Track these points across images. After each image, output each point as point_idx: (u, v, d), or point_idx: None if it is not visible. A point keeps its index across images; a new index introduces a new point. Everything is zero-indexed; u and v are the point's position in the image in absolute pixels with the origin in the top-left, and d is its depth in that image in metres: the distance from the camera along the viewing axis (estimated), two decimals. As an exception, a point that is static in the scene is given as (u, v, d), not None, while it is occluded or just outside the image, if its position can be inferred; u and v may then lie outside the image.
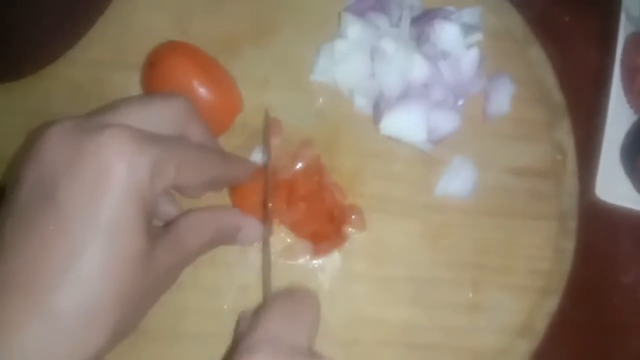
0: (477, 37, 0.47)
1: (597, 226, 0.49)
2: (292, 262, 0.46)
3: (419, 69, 0.45)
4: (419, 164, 0.48)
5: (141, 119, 0.33)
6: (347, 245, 0.46)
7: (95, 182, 0.30)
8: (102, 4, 0.49)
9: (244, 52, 0.49)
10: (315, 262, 0.46)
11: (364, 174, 0.47)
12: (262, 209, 0.44)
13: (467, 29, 0.47)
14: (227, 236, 0.42)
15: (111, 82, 0.48)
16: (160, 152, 0.32)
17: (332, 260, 0.46)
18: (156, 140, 0.32)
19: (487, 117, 0.49)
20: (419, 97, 0.45)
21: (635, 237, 0.50)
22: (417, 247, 0.47)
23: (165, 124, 0.35)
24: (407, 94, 0.46)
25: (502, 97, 0.48)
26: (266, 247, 0.44)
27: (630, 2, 0.49)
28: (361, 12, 0.48)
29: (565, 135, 0.50)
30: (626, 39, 0.49)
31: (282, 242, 0.46)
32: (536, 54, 0.51)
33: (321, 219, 0.45)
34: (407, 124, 0.45)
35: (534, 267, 0.48)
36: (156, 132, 0.33)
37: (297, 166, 0.46)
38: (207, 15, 0.49)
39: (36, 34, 0.48)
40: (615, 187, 0.48)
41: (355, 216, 0.46)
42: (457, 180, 0.47)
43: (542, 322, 0.47)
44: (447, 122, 0.46)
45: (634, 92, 0.48)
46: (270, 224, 0.44)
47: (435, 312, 0.46)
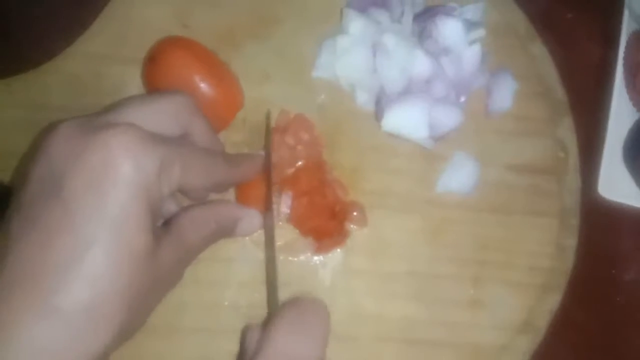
0: (480, 33, 0.47)
1: (599, 223, 0.49)
2: (293, 259, 0.46)
3: (421, 64, 0.45)
4: (421, 159, 0.48)
5: (146, 118, 0.34)
6: (348, 241, 0.46)
7: (101, 179, 0.30)
8: (102, 0, 0.49)
9: (245, 46, 0.49)
10: (316, 258, 0.46)
11: (366, 169, 0.47)
12: (265, 205, 0.44)
13: (470, 25, 0.47)
14: (227, 228, 0.42)
15: (111, 76, 0.48)
16: (166, 151, 0.32)
17: (333, 256, 0.46)
18: (162, 140, 0.32)
19: (489, 113, 0.49)
20: (421, 93, 0.45)
21: (637, 234, 0.49)
22: (418, 243, 0.47)
23: (169, 122, 0.35)
24: (409, 90, 0.46)
25: (504, 94, 0.48)
26: (271, 249, 0.43)
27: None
28: (363, 8, 0.48)
29: (567, 132, 0.50)
30: (629, 36, 0.49)
31: (283, 238, 0.46)
32: (538, 51, 0.51)
33: (323, 215, 0.45)
34: (408, 120, 0.45)
35: (535, 264, 0.47)
36: (161, 131, 0.34)
37: (299, 163, 0.46)
38: (207, 9, 0.49)
39: (37, 30, 0.48)
40: (617, 185, 0.48)
41: (356, 213, 0.46)
42: (459, 176, 0.47)
43: (543, 319, 0.47)
44: (449, 118, 0.46)
45: (636, 90, 0.48)
46: (272, 221, 0.44)
47: (436, 308, 0.46)
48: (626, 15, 0.49)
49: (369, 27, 0.46)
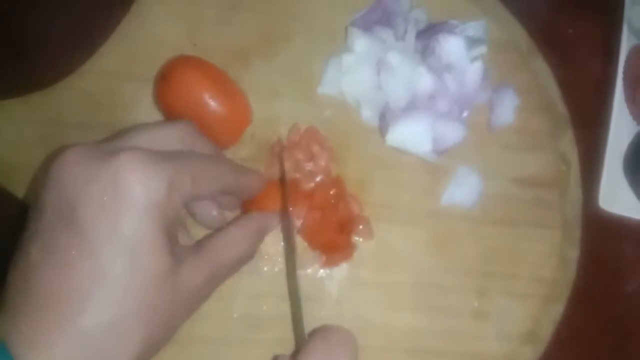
0: (482, 50, 0.48)
1: (601, 235, 0.49)
2: (300, 271, 0.47)
3: (424, 81, 0.46)
4: (425, 173, 0.49)
5: (151, 142, 0.35)
6: (355, 253, 0.47)
7: (113, 203, 0.30)
8: (115, 20, 0.50)
9: (254, 64, 0.50)
10: (322, 271, 0.47)
11: (371, 183, 0.48)
12: (282, 223, 0.45)
13: (472, 42, 0.48)
14: (261, 240, 0.42)
15: (124, 93, 0.49)
16: (174, 167, 0.33)
17: (339, 268, 0.47)
18: (169, 157, 0.33)
19: (492, 127, 0.50)
20: (425, 109, 0.46)
21: (638, 245, 0.50)
22: (422, 255, 0.48)
23: (173, 144, 0.36)
24: (413, 106, 0.47)
25: (507, 108, 0.49)
26: (292, 274, 0.44)
27: (632, 14, 0.50)
28: (367, 26, 0.49)
29: (569, 145, 0.50)
30: (629, 51, 0.50)
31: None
32: (540, 66, 0.52)
33: (333, 230, 0.46)
34: (412, 135, 0.46)
35: (538, 275, 0.48)
36: (166, 150, 0.34)
37: (317, 179, 0.47)
38: (217, 28, 0.50)
39: (53, 49, 0.49)
40: (618, 197, 0.48)
41: (362, 226, 0.47)
42: (463, 189, 0.48)
43: (546, 330, 0.47)
44: (452, 133, 0.46)
45: (636, 104, 0.49)
46: (293, 242, 0.45)
47: (440, 318, 0.47)
48: (625, 30, 0.50)
49: (373, 45, 0.47)
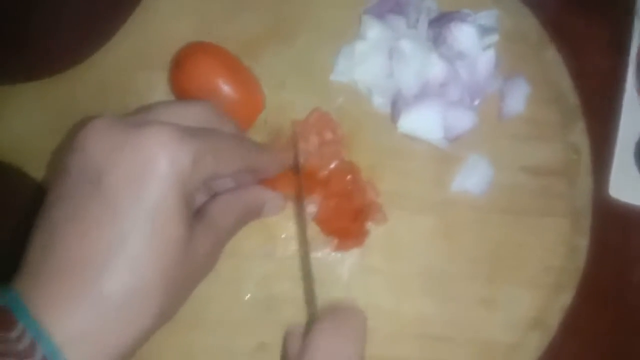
0: (493, 38, 0.48)
1: (611, 224, 0.49)
2: (311, 255, 0.47)
3: (436, 69, 0.46)
4: (435, 161, 0.49)
5: (177, 118, 0.35)
6: (365, 239, 0.48)
7: (139, 173, 0.31)
8: (127, 9, 0.51)
9: (266, 52, 0.50)
10: (333, 255, 0.47)
11: (382, 170, 0.49)
12: (296, 208, 0.46)
13: (484, 31, 0.48)
14: (254, 211, 0.43)
15: (136, 81, 0.50)
16: (199, 144, 0.33)
17: (349, 253, 0.47)
18: (195, 133, 0.34)
19: (503, 116, 0.50)
20: (436, 97, 0.47)
21: (648, 235, 0.50)
22: (432, 242, 0.48)
23: (198, 122, 0.37)
24: (424, 93, 0.47)
25: (518, 98, 0.49)
26: (306, 258, 0.45)
27: (643, 6, 0.50)
28: (380, 15, 0.49)
29: (579, 135, 0.51)
30: (640, 42, 0.50)
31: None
32: (551, 56, 0.52)
33: (347, 217, 0.47)
34: (424, 123, 0.46)
35: (547, 264, 0.48)
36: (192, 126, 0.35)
37: (332, 165, 0.47)
38: (229, 17, 0.51)
39: (66, 37, 0.50)
40: (628, 186, 0.49)
41: (376, 212, 0.48)
42: (473, 177, 0.48)
43: (554, 318, 0.47)
44: (463, 121, 0.47)
45: (647, 94, 0.49)
46: (305, 225, 0.46)
47: (449, 305, 0.47)
48: (637, 21, 0.50)
49: (386, 33, 0.48)
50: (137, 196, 0.31)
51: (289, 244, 0.47)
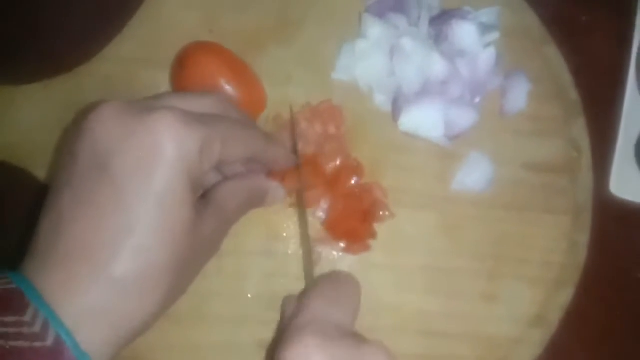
0: (494, 36, 0.49)
1: (611, 221, 0.50)
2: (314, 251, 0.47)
3: (437, 66, 0.46)
4: (437, 158, 0.49)
5: (185, 105, 0.36)
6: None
7: (147, 158, 0.32)
8: (133, 7, 0.51)
9: (269, 49, 0.51)
10: (335, 252, 0.48)
11: (383, 167, 0.49)
12: (297, 196, 0.46)
13: (484, 28, 0.48)
14: (257, 198, 0.44)
15: (142, 78, 0.50)
16: (207, 130, 0.34)
17: (352, 249, 0.48)
18: (203, 119, 0.34)
19: (504, 113, 0.50)
20: (437, 94, 0.47)
21: (648, 231, 0.50)
22: (434, 238, 0.48)
23: (207, 110, 0.37)
24: (425, 91, 0.47)
25: (519, 94, 0.50)
26: (305, 237, 0.46)
27: (646, 2, 0.50)
28: (381, 13, 0.49)
29: (580, 132, 0.51)
30: (642, 38, 0.50)
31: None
32: (552, 53, 0.52)
33: (356, 219, 0.47)
34: (425, 120, 0.47)
35: (549, 259, 0.49)
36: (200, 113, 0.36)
37: (337, 161, 0.48)
38: (233, 14, 0.51)
39: (73, 35, 0.51)
40: (629, 183, 0.49)
41: (383, 212, 0.48)
42: (474, 174, 0.49)
43: (556, 313, 0.48)
44: (464, 118, 0.47)
45: (648, 90, 0.49)
46: (304, 212, 0.46)
47: (452, 301, 0.48)
48: (639, 17, 0.50)
49: (386, 31, 0.48)
50: (144, 180, 0.32)
51: (291, 243, 0.48)
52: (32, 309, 0.30)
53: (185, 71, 0.46)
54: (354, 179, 0.48)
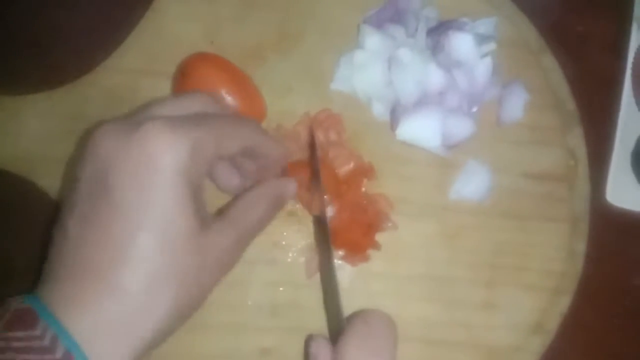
0: (491, 46, 0.49)
1: (609, 229, 0.50)
2: (313, 256, 0.48)
3: (434, 77, 0.47)
4: (435, 167, 0.50)
5: (174, 109, 0.37)
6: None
7: (140, 171, 0.33)
8: (135, 16, 0.52)
9: (269, 61, 0.51)
10: (335, 260, 0.47)
11: (382, 177, 0.49)
12: (317, 218, 0.47)
13: (481, 39, 0.49)
14: (278, 203, 0.43)
15: (144, 88, 0.50)
16: (195, 131, 0.34)
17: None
18: (191, 120, 0.35)
19: (501, 123, 0.50)
20: (434, 104, 0.47)
21: (645, 239, 0.51)
22: (434, 247, 0.49)
23: (196, 109, 0.38)
24: (423, 101, 0.48)
25: (516, 104, 0.50)
26: (331, 270, 0.44)
27: (641, 12, 0.51)
28: (379, 24, 0.50)
29: (577, 141, 0.51)
30: (637, 47, 0.51)
31: (304, 240, 0.48)
32: (549, 63, 0.52)
33: (359, 230, 0.48)
34: (422, 130, 0.47)
35: (547, 268, 0.49)
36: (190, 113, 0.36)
37: (351, 164, 0.48)
38: (234, 26, 0.52)
39: (76, 46, 0.51)
40: (625, 192, 0.49)
41: (385, 223, 0.48)
42: (471, 183, 0.49)
43: (554, 321, 0.48)
44: (461, 128, 0.47)
45: (644, 99, 0.50)
46: (329, 246, 0.45)
47: (451, 309, 0.48)
48: (634, 27, 0.51)
49: (384, 42, 0.48)
50: (140, 194, 0.32)
51: (290, 251, 0.48)
52: (42, 324, 0.30)
53: (186, 81, 0.46)
54: (363, 189, 0.49)
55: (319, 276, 0.47)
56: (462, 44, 0.47)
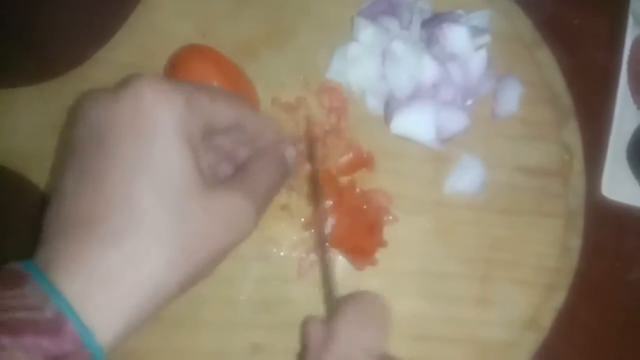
0: (485, 39, 0.48)
1: (604, 224, 0.50)
2: (305, 256, 0.48)
3: (429, 70, 0.47)
4: (429, 161, 0.49)
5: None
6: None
7: (135, 120, 0.32)
8: (126, 10, 0.51)
9: (262, 55, 0.51)
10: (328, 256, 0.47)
11: (377, 172, 0.49)
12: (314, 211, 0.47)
13: (476, 31, 0.48)
14: (284, 166, 0.41)
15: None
16: (189, 85, 0.34)
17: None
18: (184, 81, 0.34)
19: (496, 117, 0.50)
20: (428, 98, 0.47)
21: (640, 234, 0.50)
22: (427, 243, 0.49)
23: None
24: (417, 95, 0.47)
25: (511, 98, 0.50)
26: (324, 258, 0.45)
27: (637, 5, 0.50)
28: (373, 16, 0.50)
29: (572, 135, 0.51)
30: (633, 41, 0.50)
31: (297, 234, 0.48)
32: (544, 56, 0.52)
33: (362, 233, 0.47)
34: (416, 124, 0.47)
35: (541, 263, 0.49)
36: None
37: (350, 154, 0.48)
38: (227, 20, 0.51)
39: (66, 39, 0.51)
40: (621, 186, 0.49)
41: (387, 217, 0.48)
42: (465, 177, 0.49)
43: (548, 317, 0.48)
44: (455, 121, 0.47)
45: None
46: (323, 219, 0.46)
47: (444, 305, 0.48)
48: (630, 20, 0.50)
49: (378, 35, 0.48)
50: (136, 143, 0.32)
51: (283, 245, 0.48)
52: (31, 284, 0.30)
53: (177, 75, 0.46)
54: (358, 190, 0.48)
55: (310, 273, 0.47)
56: (456, 36, 0.47)
